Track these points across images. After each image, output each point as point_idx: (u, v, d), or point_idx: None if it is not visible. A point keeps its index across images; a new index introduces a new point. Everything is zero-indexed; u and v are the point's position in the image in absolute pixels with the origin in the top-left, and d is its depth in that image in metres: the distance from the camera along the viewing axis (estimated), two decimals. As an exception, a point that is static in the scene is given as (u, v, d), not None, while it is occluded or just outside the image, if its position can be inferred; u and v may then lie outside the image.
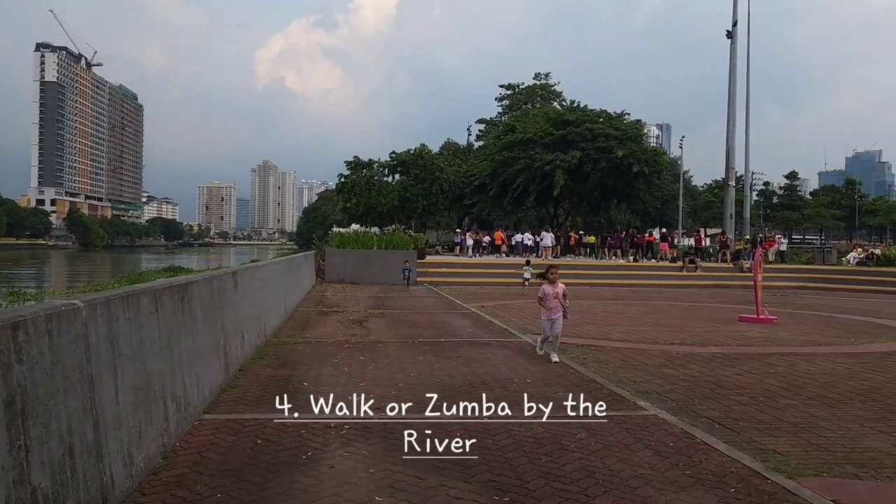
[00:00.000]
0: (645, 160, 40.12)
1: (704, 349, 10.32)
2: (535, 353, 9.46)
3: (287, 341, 10.20)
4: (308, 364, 8.43)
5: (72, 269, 73.39)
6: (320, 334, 11.18)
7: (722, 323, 13.82)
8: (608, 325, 13.12)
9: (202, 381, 5.93)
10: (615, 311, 15.91)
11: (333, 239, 25.48)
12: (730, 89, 43.79)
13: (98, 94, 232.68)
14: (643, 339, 11.23)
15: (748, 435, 5.57)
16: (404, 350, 9.68)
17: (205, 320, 6.22)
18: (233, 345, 7.45)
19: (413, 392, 6.95)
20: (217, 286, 6.91)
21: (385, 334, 11.39)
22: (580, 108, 45.17)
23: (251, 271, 9.35)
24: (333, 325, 12.40)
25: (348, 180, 47.59)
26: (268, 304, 10.49)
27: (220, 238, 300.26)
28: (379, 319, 13.52)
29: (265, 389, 6.88)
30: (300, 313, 14.14)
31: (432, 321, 13.40)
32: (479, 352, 9.62)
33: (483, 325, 12.85)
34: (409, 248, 25.35)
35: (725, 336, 11.83)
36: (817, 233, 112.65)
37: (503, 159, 41.03)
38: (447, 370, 8.20)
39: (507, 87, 67.70)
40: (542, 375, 7.94)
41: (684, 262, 29.09)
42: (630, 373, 8.29)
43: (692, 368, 8.64)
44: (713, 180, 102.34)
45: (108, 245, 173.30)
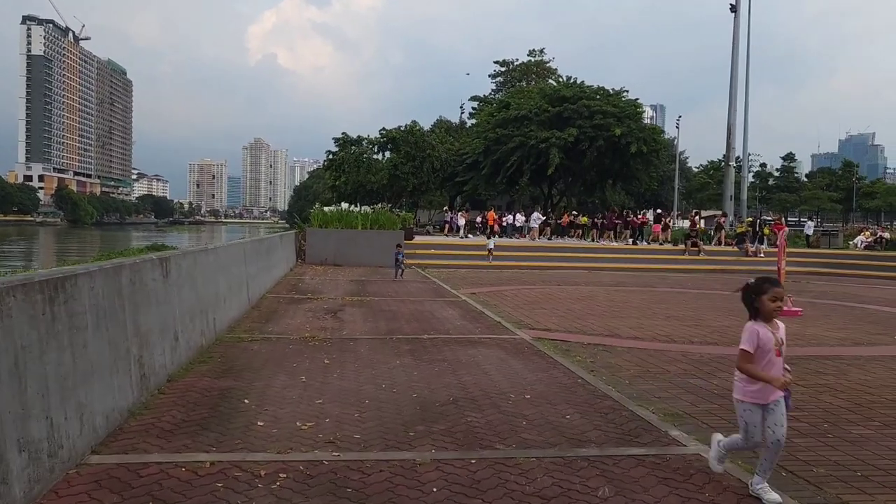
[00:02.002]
0: (643, 139, 38.59)
1: (731, 350, 8.83)
2: (532, 353, 7.98)
3: (242, 338, 8.66)
4: (258, 370, 6.90)
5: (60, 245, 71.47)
6: (285, 328, 9.64)
7: (741, 315, 12.23)
8: (614, 318, 11.63)
9: (91, 408, 4.39)
10: (619, 301, 14.43)
11: (315, 217, 23.84)
12: (732, 65, 42.17)
13: (86, 69, 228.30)
14: (657, 337, 9.75)
15: (832, 490, 4.10)
16: (379, 350, 8.17)
17: (100, 325, 4.67)
18: (156, 350, 5.91)
19: (381, 415, 5.44)
20: (129, 278, 5.35)
21: (360, 328, 9.87)
22: (577, 85, 43.42)
23: (195, 255, 7.77)
24: (303, 316, 10.87)
25: (336, 157, 45.90)
26: (221, 293, 8.94)
27: (210, 216, 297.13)
28: (356, 309, 11.99)
29: (190, 411, 5.35)
30: (268, 301, 12.59)
31: (416, 311, 11.88)
32: (467, 353, 8.12)
33: (473, 317, 11.35)
34: (395, 227, 23.78)
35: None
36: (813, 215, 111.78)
37: (497, 137, 39.40)
38: (428, 379, 6.70)
39: (501, 63, 65.75)
40: (544, 388, 6.44)
41: (686, 246, 27.65)
42: (650, 384, 6.81)
43: (723, 377, 7.17)
44: (709, 161, 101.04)
45: (97, 222, 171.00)
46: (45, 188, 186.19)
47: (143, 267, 5.77)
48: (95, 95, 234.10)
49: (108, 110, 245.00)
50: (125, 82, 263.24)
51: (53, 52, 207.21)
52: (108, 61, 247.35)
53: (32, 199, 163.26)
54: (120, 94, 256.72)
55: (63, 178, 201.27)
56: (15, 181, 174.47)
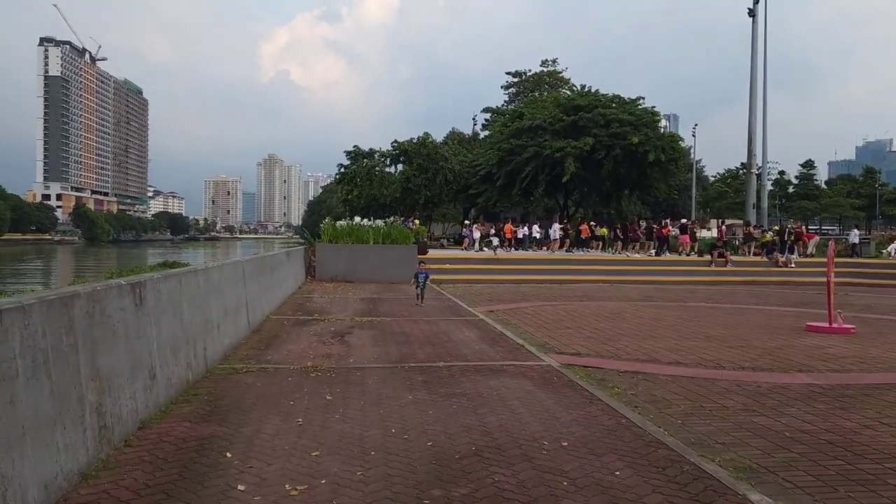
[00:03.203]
0: (661, 147, 37.48)
1: (790, 377, 7.79)
2: (563, 384, 6.98)
3: (236, 369, 7.73)
4: (248, 411, 5.96)
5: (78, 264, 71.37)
6: (286, 356, 8.71)
7: (787, 334, 11.26)
8: (649, 338, 10.59)
9: (21, 479, 3.47)
10: (650, 317, 13.37)
11: (325, 232, 22.95)
12: (752, 70, 41.07)
13: (103, 89, 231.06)
14: (702, 361, 8.70)
15: None
16: (389, 382, 7.21)
17: (39, 373, 3.76)
18: (124, 394, 4.99)
19: (389, 472, 4.48)
20: (85, 310, 4.44)
21: (368, 354, 8.91)
22: (592, 93, 42.53)
23: (179, 278, 6.86)
24: (307, 341, 9.93)
25: (348, 170, 45.21)
26: (213, 319, 8.03)
27: (226, 232, 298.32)
28: (366, 331, 11.04)
29: (158, 471, 4.41)
30: (271, 323, 11.67)
31: (430, 333, 10.92)
32: (488, 384, 7.13)
33: (493, 339, 10.36)
34: (408, 242, 22.85)
35: (804, 354, 9.27)
36: (834, 223, 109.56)
37: (511, 147, 38.50)
38: (445, 421, 5.73)
39: (513, 74, 65.06)
40: (583, 432, 5.44)
41: (713, 257, 26.49)
42: (708, 424, 5.78)
43: (793, 414, 6.13)
44: (726, 169, 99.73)
45: (114, 240, 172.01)
46: (63, 207, 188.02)
47: (107, 295, 4.86)
48: (112, 115, 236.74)
49: (124, 129, 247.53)
50: (141, 101, 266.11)
51: (70, 73, 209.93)
52: (125, 81, 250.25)
53: (50, 218, 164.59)
54: (136, 112, 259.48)
55: (80, 196, 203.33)
56: (33, 201, 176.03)
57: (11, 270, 61.28)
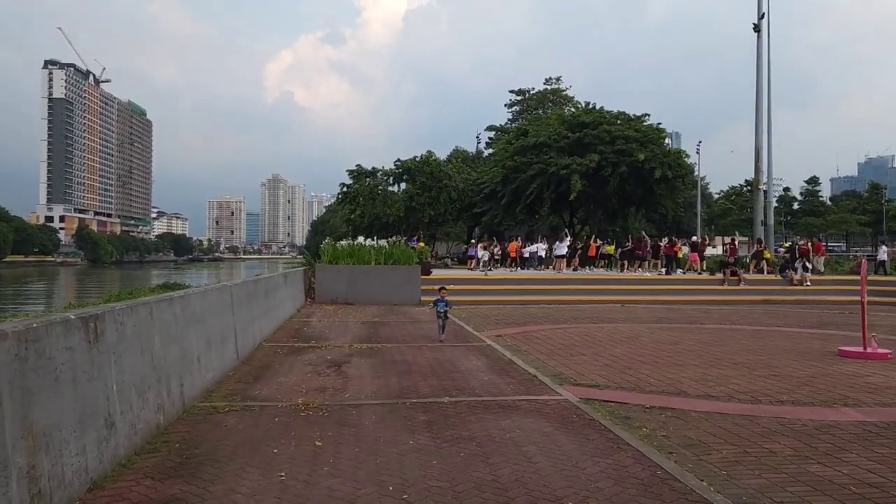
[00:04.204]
0: (668, 164, 36.90)
1: (837, 413, 6.95)
2: (584, 424, 6.16)
3: (217, 407, 6.93)
4: (224, 463, 5.16)
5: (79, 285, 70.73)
6: (275, 390, 7.91)
7: (819, 359, 10.42)
8: (672, 366, 9.76)
9: None
10: (668, 342, 12.53)
11: (325, 253, 22.18)
12: (757, 85, 40.42)
13: (107, 111, 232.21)
14: (734, 394, 7.86)
15: None
16: (388, 422, 6.40)
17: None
18: (69, 451, 4.20)
19: (384, 550, 3.67)
20: (14, 353, 3.67)
21: (366, 388, 8.10)
22: (597, 110, 42.02)
23: (151, 308, 6.08)
24: (300, 372, 9.14)
25: (351, 189, 44.64)
26: (193, 351, 7.25)
27: (229, 252, 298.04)
28: (365, 360, 10.24)
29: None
30: (264, 352, 10.88)
31: (434, 361, 10.11)
32: (500, 425, 6.32)
33: (502, 369, 9.55)
34: (412, 262, 22.07)
35: (844, 384, 8.43)
36: (840, 239, 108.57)
37: (515, 165, 37.93)
38: (451, 474, 4.92)
39: (517, 92, 64.72)
40: (613, 488, 4.63)
41: (725, 275, 25.63)
42: (758, 475, 4.96)
43: (853, 461, 5.31)
44: (730, 186, 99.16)
45: (117, 261, 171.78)
46: (66, 228, 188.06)
47: (47, 333, 4.09)
48: (116, 136, 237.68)
49: (128, 150, 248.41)
50: (145, 123, 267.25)
51: (74, 95, 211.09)
52: (129, 103, 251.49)
53: (53, 240, 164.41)
54: (140, 134, 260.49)
55: (83, 218, 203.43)
56: (36, 222, 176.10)
57: (13, 292, 60.70)
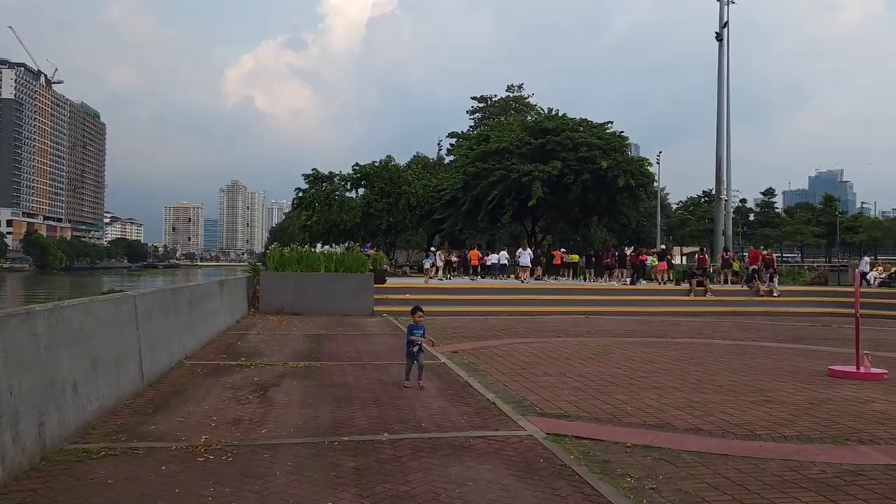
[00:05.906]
0: (631, 172, 36.19)
1: (854, 454, 5.81)
2: (553, 472, 4.87)
3: (90, 451, 5.43)
4: (62, 543, 3.72)
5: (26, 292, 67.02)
6: (177, 424, 6.44)
7: (809, 380, 9.38)
8: (650, 389, 8.57)
9: None
10: (642, 360, 11.39)
11: (271, 259, 20.59)
12: (719, 95, 40.20)
13: (58, 112, 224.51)
14: (727, 426, 6.67)
15: None
16: (306, 473, 5.02)
17: None
18: None
19: None
20: None
21: (291, 420, 6.69)
22: (559, 117, 41.24)
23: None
24: (216, 398, 7.67)
25: (307, 195, 43.03)
26: (67, 377, 5.75)
27: (186, 259, 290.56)
28: (298, 382, 8.81)
29: None
30: (180, 372, 9.34)
31: (378, 384, 8.76)
32: (448, 475, 4.99)
33: (456, 394, 8.24)
34: (364, 270, 20.63)
35: (848, 413, 7.34)
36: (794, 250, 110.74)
37: (476, 171, 36.81)
38: (376, 557, 3.57)
39: (479, 99, 63.81)
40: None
41: (691, 285, 24.84)
42: (785, 554, 3.74)
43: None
44: (688, 197, 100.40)
45: (67, 267, 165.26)
46: (14, 233, 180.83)
47: None
48: (67, 139, 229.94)
49: (80, 154, 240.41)
50: (98, 125, 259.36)
51: (24, 96, 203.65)
52: (81, 104, 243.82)
53: (0, 245, 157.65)
54: (93, 137, 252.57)
55: (32, 222, 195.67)
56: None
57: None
